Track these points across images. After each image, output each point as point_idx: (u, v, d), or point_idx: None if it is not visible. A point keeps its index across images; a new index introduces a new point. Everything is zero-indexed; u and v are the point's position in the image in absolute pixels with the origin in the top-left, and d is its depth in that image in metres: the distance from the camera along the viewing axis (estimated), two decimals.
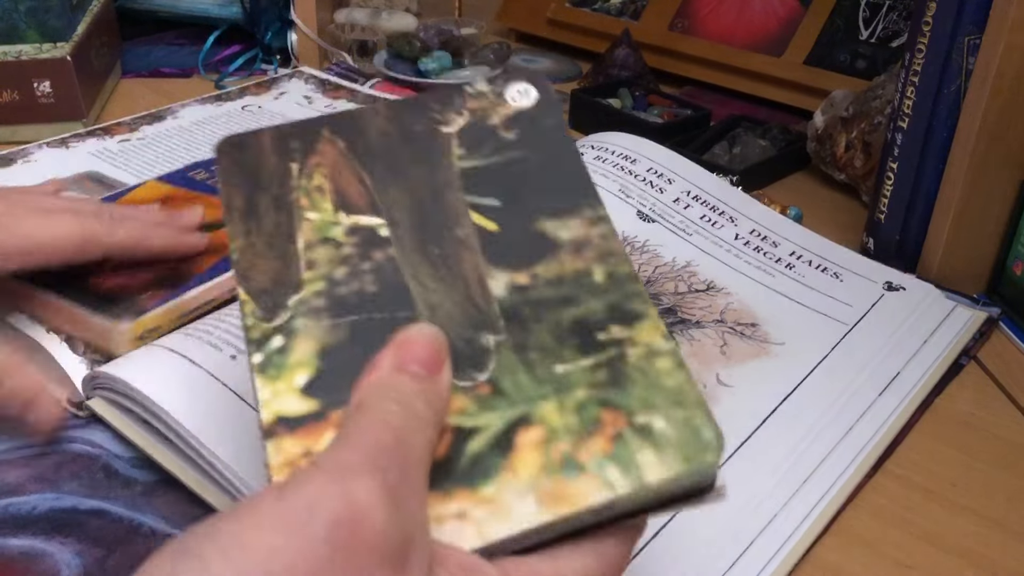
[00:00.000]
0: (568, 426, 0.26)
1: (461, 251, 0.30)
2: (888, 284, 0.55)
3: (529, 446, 0.26)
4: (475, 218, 0.31)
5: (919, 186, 0.57)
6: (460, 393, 0.27)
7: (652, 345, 0.28)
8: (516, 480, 0.25)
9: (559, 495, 0.25)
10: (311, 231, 0.30)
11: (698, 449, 0.26)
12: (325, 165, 0.32)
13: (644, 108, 0.82)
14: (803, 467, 0.41)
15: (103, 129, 0.74)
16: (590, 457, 0.26)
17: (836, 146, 0.69)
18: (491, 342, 0.28)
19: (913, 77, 0.55)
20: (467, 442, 0.26)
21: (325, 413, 0.26)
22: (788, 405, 0.44)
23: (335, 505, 0.21)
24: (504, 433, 0.26)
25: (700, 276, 0.54)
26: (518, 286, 0.30)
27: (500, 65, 0.90)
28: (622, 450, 0.26)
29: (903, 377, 0.47)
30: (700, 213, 0.59)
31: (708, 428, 0.26)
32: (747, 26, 0.88)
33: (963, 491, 0.42)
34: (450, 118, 0.33)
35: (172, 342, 0.42)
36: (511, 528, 0.24)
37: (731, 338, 0.49)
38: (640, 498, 0.26)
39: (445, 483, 0.25)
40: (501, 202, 0.32)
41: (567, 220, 0.31)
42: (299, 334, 0.28)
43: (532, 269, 0.30)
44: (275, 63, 0.92)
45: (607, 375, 0.28)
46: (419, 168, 0.32)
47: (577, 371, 0.28)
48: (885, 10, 0.81)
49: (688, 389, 0.27)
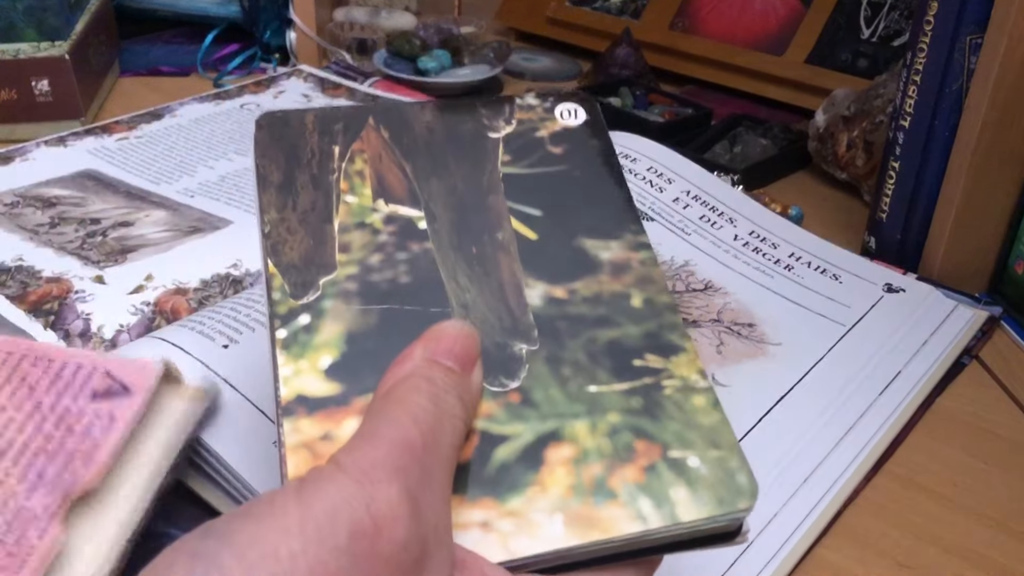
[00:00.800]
0: (600, 449, 0.26)
1: (499, 254, 0.30)
2: (888, 286, 0.54)
3: (559, 463, 0.25)
4: (515, 225, 0.31)
5: (921, 185, 0.56)
6: (489, 398, 0.27)
7: (689, 380, 0.28)
8: (545, 497, 0.25)
9: (589, 520, 0.24)
10: (348, 214, 0.30)
11: (732, 492, 0.25)
12: (368, 151, 0.32)
13: (645, 107, 0.81)
14: (802, 467, 0.41)
15: (101, 128, 0.73)
16: (622, 485, 0.25)
17: (837, 145, 0.69)
18: (523, 351, 0.28)
19: (915, 76, 0.55)
20: (495, 449, 0.25)
21: (348, 398, 0.26)
22: (785, 405, 0.44)
23: (357, 513, 0.21)
24: (534, 446, 0.26)
25: (698, 276, 0.54)
26: (555, 299, 0.29)
27: (500, 64, 0.90)
28: (655, 482, 0.25)
29: (904, 376, 0.47)
30: (699, 213, 0.59)
31: (743, 473, 0.26)
32: (748, 25, 0.88)
33: (964, 491, 0.42)
34: (498, 125, 0.33)
35: (165, 333, 0.42)
36: (537, 546, 0.24)
37: (728, 338, 0.49)
38: (670, 535, 0.25)
39: (471, 489, 0.25)
40: (543, 212, 0.31)
41: (608, 242, 0.31)
42: (327, 314, 0.27)
43: (570, 284, 0.30)
44: (274, 62, 0.92)
45: (642, 403, 0.27)
46: (463, 166, 0.32)
47: (611, 394, 0.27)
48: (887, 9, 0.81)
49: (724, 430, 0.27)
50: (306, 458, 0.24)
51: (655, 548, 0.26)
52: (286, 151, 0.31)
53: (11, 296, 0.50)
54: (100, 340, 0.47)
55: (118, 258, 0.54)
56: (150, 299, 0.50)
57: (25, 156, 0.68)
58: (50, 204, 0.61)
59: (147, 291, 0.51)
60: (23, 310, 0.49)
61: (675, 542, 0.26)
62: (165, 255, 0.55)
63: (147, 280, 0.52)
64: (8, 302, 0.50)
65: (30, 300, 0.50)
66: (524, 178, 0.32)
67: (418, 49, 0.88)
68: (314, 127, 0.32)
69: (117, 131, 0.73)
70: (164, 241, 0.57)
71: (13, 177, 0.64)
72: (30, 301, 0.50)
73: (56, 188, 0.63)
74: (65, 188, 0.63)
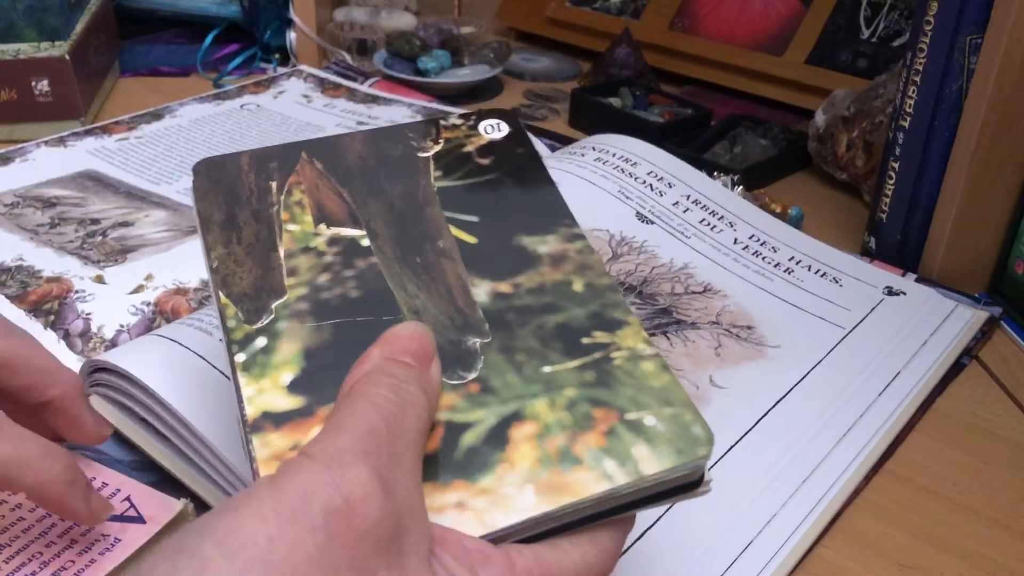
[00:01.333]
0: (561, 421, 0.27)
1: (442, 261, 0.32)
2: (888, 289, 0.54)
3: (524, 440, 0.27)
4: (454, 232, 0.33)
5: (920, 185, 0.56)
6: (450, 391, 0.28)
7: (636, 349, 0.30)
8: (514, 472, 0.26)
9: (558, 486, 0.26)
10: (292, 241, 0.32)
11: (689, 443, 0.27)
12: (304, 182, 0.34)
13: (645, 107, 0.81)
14: (802, 467, 0.41)
15: (101, 128, 0.73)
16: (586, 450, 0.27)
17: (837, 145, 0.69)
18: (477, 344, 0.29)
19: (915, 76, 0.55)
20: (461, 436, 0.27)
21: (312, 409, 0.27)
22: (783, 406, 0.44)
23: (330, 495, 0.21)
24: (497, 428, 0.27)
25: (697, 278, 0.54)
26: (501, 294, 0.31)
27: (500, 64, 0.90)
28: (617, 444, 0.27)
29: (904, 377, 0.47)
30: (699, 217, 0.59)
31: (697, 424, 0.28)
32: (748, 25, 0.88)
33: (964, 491, 0.42)
34: (426, 145, 0.36)
35: (164, 330, 0.42)
36: (512, 517, 0.25)
37: (726, 340, 0.49)
38: (637, 490, 0.26)
39: (442, 475, 0.26)
40: (480, 218, 0.33)
41: (544, 236, 0.33)
42: (283, 335, 0.29)
43: (514, 279, 0.32)
44: (274, 62, 0.92)
45: (595, 376, 0.29)
46: (397, 186, 0.34)
47: (565, 372, 0.29)
48: (886, 9, 0.81)
49: (675, 389, 0.29)
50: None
51: (625, 505, 0.27)
52: (225, 192, 0.33)
53: (11, 296, 0.50)
54: (100, 340, 0.47)
55: (118, 258, 0.54)
56: (150, 299, 0.50)
57: (25, 156, 0.68)
58: (50, 204, 0.61)
59: (147, 291, 0.51)
60: (23, 310, 0.49)
61: (643, 497, 0.27)
62: (165, 255, 0.55)
63: (147, 280, 0.52)
64: (8, 302, 0.50)
65: (30, 300, 0.50)
66: (457, 189, 0.34)
67: (418, 49, 0.88)
68: (250, 167, 0.34)
69: (117, 131, 0.73)
70: (164, 241, 0.57)
71: (13, 177, 0.64)
72: (30, 301, 0.50)
73: (56, 188, 0.63)
74: (65, 188, 0.63)
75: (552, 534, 0.26)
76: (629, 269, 0.54)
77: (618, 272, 0.53)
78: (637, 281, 0.53)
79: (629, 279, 0.53)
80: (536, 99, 0.89)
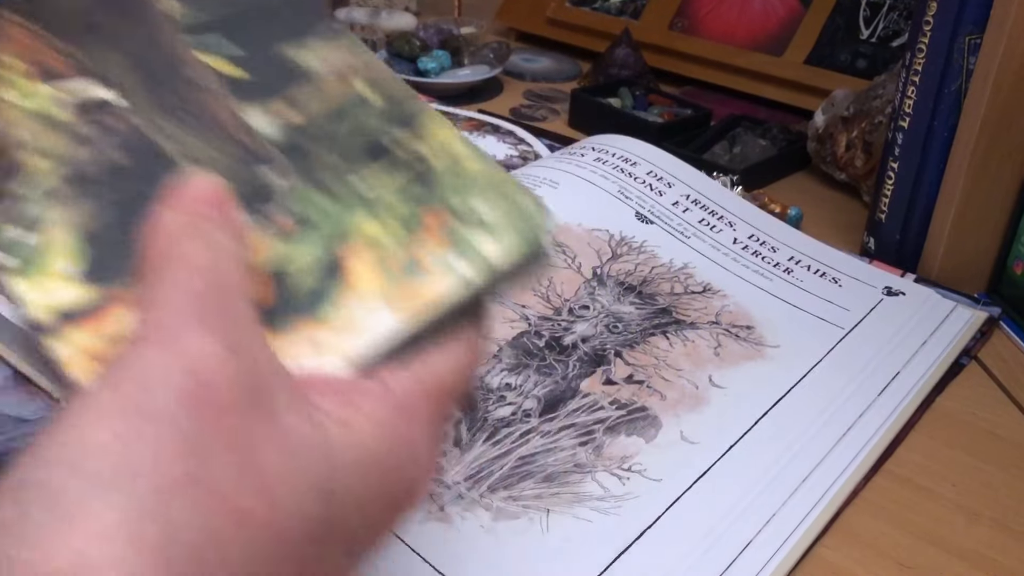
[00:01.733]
0: (394, 233, 0.26)
1: (203, 97, 0.29)
2: (888, 289, 0.54)
3: (360, 262, 0.25)
4: (215, 64, 0.30)
5: (920, 186, 0.57)
6: (261, 236, 0.25)
7: (444, 140, 0.28)
8: (360, 297, 0.24)
9: (411, 296, 0.24)
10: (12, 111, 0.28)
11: (526, 220, 0.26)
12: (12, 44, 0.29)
13: (644, 108, 0.82)
14: (801, 467, 0.41)
15: None
16: (429, 255, 0.25)
17: (837, 146, 0.69)
18: (271, 175, 0.27)
19: (914, 77, 0.55)
20: (291, 277, 0.25)
21: (109, 293, 0.24)
22: (782, 406, 0.44)
23: (172, 372, 0.19)
24: (327, 258, 0.25)
25: (697, 278, 0.54)
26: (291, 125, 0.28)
27: (500, 64, 0.90)
28: (458, 241, 0.26)
29: (903, 377, 0.47)
30: (699, 217, 0.59)
31: (525, 198, 0.26)
32: (747, 25, 0.88)
33: (964, 491, 0.42)
34: None
35: None
36: (370, 339, 0.24)
37: (725, 340, 0.49)
38: (490, 280, 0.25)
39: (285, 322, 0.24)
40: (241, 46, 0.30)
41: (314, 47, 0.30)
42: (51, 224, 0.25)
43: (288, 94, 0.29)
44: None
45: (411, 177, 0.27)
46: (136, 31, 0.30)
47: (378, 181, 0.27)
48: (886, 9, 0.81)
49: (493, 170, 0.27)
50: (90, 363, 0.23)
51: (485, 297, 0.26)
52: None
53: None
54: None
55: None
56: None
57: None
58: None
59: None
60: None
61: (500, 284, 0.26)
62: None
63: None
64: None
65: None
66: (209, 23, 0.31)
67: (418, 50, 0.88)
68: None
69: None
70: None
71: None
72: None
73: None
74: None
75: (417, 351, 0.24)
76: (629, 269, 0.54)
77: (618, 272, 0.53)
78: (637, 281, 0.53)
79: (629, 279, 0.53)
80: (536, 99, 0.89)
